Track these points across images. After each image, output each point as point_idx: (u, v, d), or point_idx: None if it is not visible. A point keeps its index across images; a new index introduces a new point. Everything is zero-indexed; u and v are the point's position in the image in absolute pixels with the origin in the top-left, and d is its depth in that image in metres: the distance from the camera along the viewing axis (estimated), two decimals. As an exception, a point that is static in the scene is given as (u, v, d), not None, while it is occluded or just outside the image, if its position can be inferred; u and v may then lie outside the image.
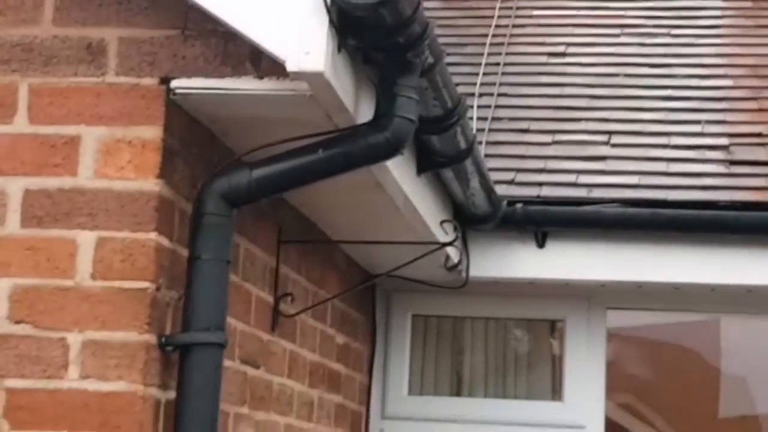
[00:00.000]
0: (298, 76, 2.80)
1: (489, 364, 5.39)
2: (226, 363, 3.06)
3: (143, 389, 2.84)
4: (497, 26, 6.18)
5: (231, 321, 3.11)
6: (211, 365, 2.97)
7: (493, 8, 6.37)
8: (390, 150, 3.10)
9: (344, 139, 3.03)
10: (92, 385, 2.84)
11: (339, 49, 2.83)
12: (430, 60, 3.13)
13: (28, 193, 2.94)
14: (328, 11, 2.76)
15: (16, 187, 2.94)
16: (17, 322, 2.89)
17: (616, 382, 5.21)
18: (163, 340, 2.93)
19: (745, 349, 8.79)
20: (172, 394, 2.97)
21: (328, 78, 2.79)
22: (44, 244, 2.91)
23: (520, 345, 5.46)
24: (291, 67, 2.77)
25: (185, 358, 2.95)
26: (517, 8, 6.47)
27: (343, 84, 2.88)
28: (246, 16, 2.81)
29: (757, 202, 4.82)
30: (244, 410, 3.53)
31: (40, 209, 2.92)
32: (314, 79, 2.80)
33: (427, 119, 3.34)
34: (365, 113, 3.03)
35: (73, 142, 2.94)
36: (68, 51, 2.98)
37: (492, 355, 5.40)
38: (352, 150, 3.04)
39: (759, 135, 5.33)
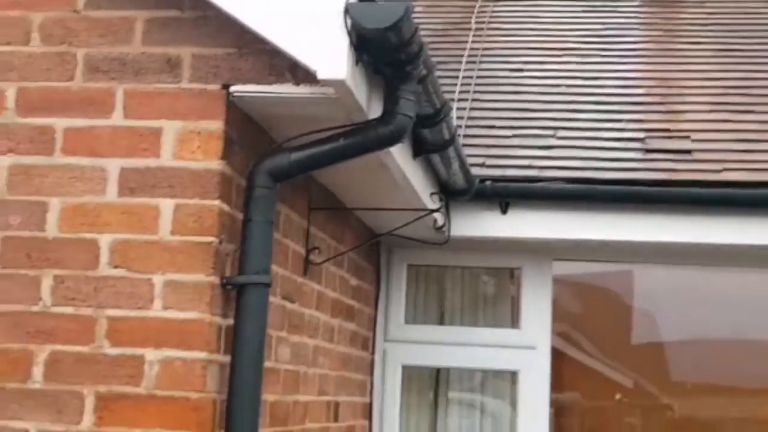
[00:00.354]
0: (326, 83, 2.79)
1: (464, 301, 5.40)
2: (270, 299, 3.04)
3: (209, 317, 2.84)
4: (471, 49, 6.16)
5: (274, 267, 3.10)
6: (259, 300, 2.97)
7: (467, 36, 6.34)
8: (393, 139, 3.08)
9: (359, 131, 3.01)
10: (171, 314, 2.83)
11: (356, 63, 2.81)
12: (424, 72, 3.11)
13: (123, 171, 2.92)
14: (349, 34, 2.74)
15: (114, 165, 2.92)
16: (115, 267, 2.88)
17: (557, 315, 5.20)
18: (224, 280, 2.92)
19: (653, 292, 8.76)
20: (230, 322, 2.96)
21: (349, 85, 2.77)
22: (135, 208, 2.90)
23: (487, 287, 5.46)
24: (321, 76, 2.76)
25: (240, 294, 2.95)
26: (486, 36, 6.44)
27: (359, 89, 2.86)
28: (287, 38, 2.80)
29: (666, 180, 4.83)
30: (283, 334, 3.53)
31: (133, 182, 2.91)
32: (338, 85, 2.78)
33: (421, 116, 3.33)
34: (375, 111, 3.01)
35: (157, 132, 2.93)
36: (153, 64, 2.96)
37: (467, 294, 5.41)
38: (365, 139, 3.03)
39: (667, 130, 5.33)
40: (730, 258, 5.04)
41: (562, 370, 5.27)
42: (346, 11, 2.75)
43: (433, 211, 4.32)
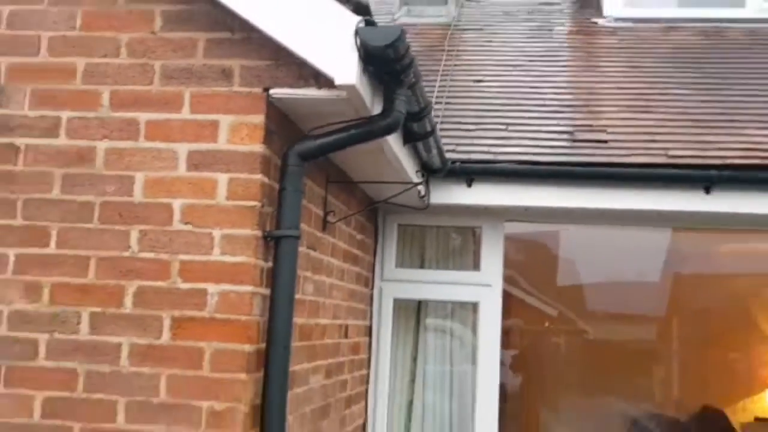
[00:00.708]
0: (341, 87, 2.77)
1: (439, 251, 5.38)
2: (299, 248, 3.03)
3: (254, 261, 2.84)
4: (444, 65, 6.12)
5: (301, 225, 3.08)
6: (291, 248, 2.96)
7: (442, 55, 6.30)
8: (390, 130, 3.07)
9: (365, 123, 2.99)
10: (227, 258, 2.83)
11: (363, 72, 2.79)
12: (413, 80, 3.08)
13: (190, 152, 2.90)
14: (358, 50, 2.72)
15: (183, 149, 2.90)
16: (185, 223, 2.87)
17: (506, 262, 5.20)
18: (265, 234, 2.91)
19: (574, 246, 8.78)
20: (270, 264, 2.95)
21: (358, 88, 2.76)
22: (199, 180, 2.88)
23: (456, 241, 5.43)
24: (337, 82, 2.74)
25: (277, 244, 2.94)
26: (456, 55, 6.40)
27: (365, 92, 2.84)
28: (312, 53, 2.78)
29: (588, 162, 4.81)
30: (308, 274, 3.53)
31: (197, 161, 2.89)
32: (349, 89, 2.77)
33: (410, 113, 3.31)
34: (377, 109, 2.99)
35: (215, 124, 2.90)
36: (212, 73, 2.94)
37: (441, 246, 5.38)
38: (369, 129, 3.01)
39: (589, 126, 5.31)
40: (632, 220, 5.04)
41: (509, 303, 5.31)
42: (356, 33, 2.73)
43: (417, 184, 4.31)
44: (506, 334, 5.61)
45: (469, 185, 4.77)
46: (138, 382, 2.80)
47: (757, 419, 7.78)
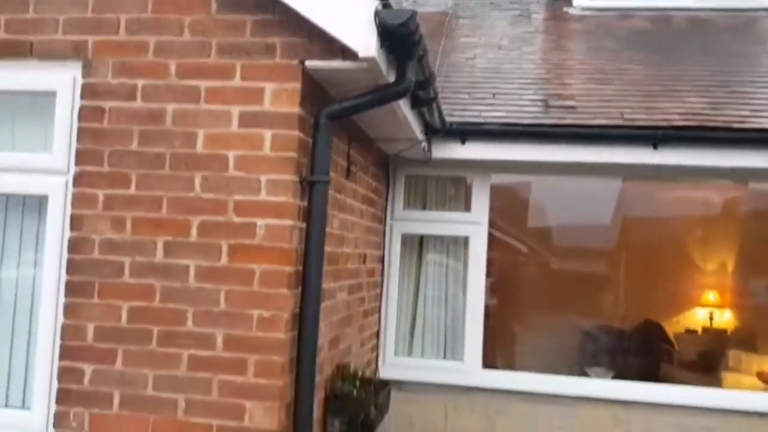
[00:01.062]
0: (363, 59, 2.72)
1: (438, 197, 5.33)
2: (328, 192, 3.02)
3: (293, 200, 2.83)
4: (443, 46, 6.02)
5: (330, 173, 3.06)
6: (322, 191, 2.95)
7: (442, 38, 6.19)
8: (402, 95, 3.03)
9: (382, 90, 2.94)
10: (271, 198, 2.82)
11: (381, 47, 2.74)
12: (421, 53, 3.03)
13: (241, 113, 2.87)
14: (377, 28, 2.67)
15: (236, 110, 2.87)
16: (237, 170, 2.85)
17: (491, 207, 5.17)
18: (302, 179, 2.89)
19: (544, 190, 8.68)
20: (305, 204, 2.94)
21: (377, 60, 2.71)
22: (248, 135, 2.85)
23: (452, 189, 5.34)
24: (361, 55, 2.69)
25: (311, 187, 2.93)
26: (453, 37, 6.28)
27: (383, 63, 2.79)
28: (340, 31, 2.72)
29: (559, 123, 4.75)
30: (335, 212, 3.53)
31: (247, 120, 2.86)
32: (370, 60, 2.72)
33: (418, 82, 3.26)
34: (391, 77, 2.93)
35: (261, 90, 2.86)
36: (257, 48, 2.88)
37: (439, 193, 5.33)
38: (385, 94, 2.97)
39: (561, 95, 5.23)
40: (594, 171, 4.97)
41: (489, 241, 5.25)
42: (376, 14, 2.67)
43: (422, 141, 4.28)
44: (487, 264, 5.61)
45: (463, 143, 4.73)
46: (203, 295, 2.83)
47: (687, 331, 7.84)
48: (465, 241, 5.19)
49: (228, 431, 2.76)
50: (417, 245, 5.35)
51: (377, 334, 5.07)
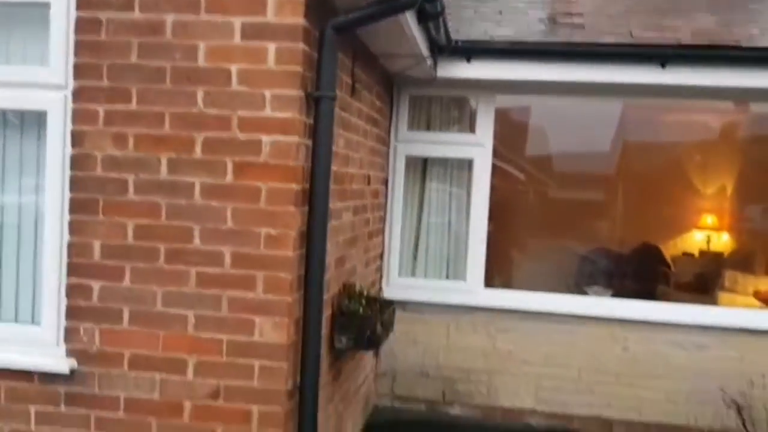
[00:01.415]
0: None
1: (442, 118, 5.22)
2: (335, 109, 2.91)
3: (299, 116, 2.72)
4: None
5: (337, 91, 2.94)
6: (328, 107, 2.84)
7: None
8: (409, 6, 2.92)
9: (390, 0, 2.82)
10: (277, 114, 2.71)
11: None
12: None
13: (243, 25, 2.72)
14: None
15: (238, 22, 2.72)
16: (241, 85, 2.73)
17: (495, 130, 5.07)
18: (308, 94, 2.78)
19: (544, 115, 8.55)
20: (311, 121, 2.84)
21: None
22: (252, 49, 2.72)
23: (456, 110, 5.20)
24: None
25: (317, 103, 2.82)
26: None
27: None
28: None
29: (566, 42, 4.61)
30: (341, 131, 3.44)
31: (249, 32, 2.71)
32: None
33: (425, -4, 3.10)
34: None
35: (264, 1, 2.70)
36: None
37: (444, 114, 5.21)
38: (392, 5, 2.87)
39: (568, 13, 5.05)
40: (600, 91, 4.83)
41: (492, 166, 5.16)
42: None
43: (427, 58, 4.13)
44: (490, 189, 5.54)
45: (469, 61, 4.57)
46: (209, 212, 2.77)
47: (684, 254, 7.87)
48: (469, 165, 5.11)
49: (238, 346, 2.76)
50: (421, 168, 5.27)
51: (381, 256, 5.06)
